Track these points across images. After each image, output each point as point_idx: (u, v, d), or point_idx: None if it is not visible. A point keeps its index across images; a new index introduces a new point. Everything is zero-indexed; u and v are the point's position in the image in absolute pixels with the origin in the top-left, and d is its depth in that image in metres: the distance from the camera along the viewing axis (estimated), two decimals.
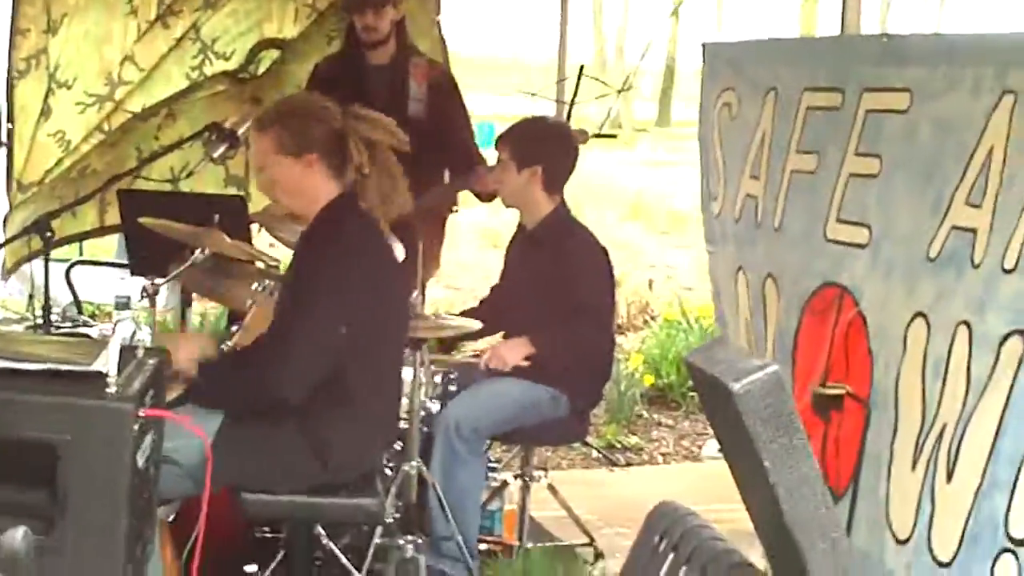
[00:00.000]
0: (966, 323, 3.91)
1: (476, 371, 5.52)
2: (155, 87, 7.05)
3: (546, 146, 5.65)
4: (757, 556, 3.46)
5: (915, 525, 4.09)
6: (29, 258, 6.52)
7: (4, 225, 6.80)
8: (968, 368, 3.88)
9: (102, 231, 7.38)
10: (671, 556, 3.47)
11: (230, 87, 7.15)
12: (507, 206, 5.82)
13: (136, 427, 3.24)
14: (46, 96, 6.83)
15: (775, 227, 5.24)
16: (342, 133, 4.34)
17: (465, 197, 6.98)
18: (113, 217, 6.96)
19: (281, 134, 4.35)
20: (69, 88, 6.86)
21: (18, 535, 2.12)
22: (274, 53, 7.26)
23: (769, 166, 5.33)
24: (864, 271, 4.54)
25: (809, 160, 5.00)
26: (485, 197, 6.45)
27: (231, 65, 7.15)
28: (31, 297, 6.86)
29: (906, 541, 4.13)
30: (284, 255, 5.34)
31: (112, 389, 3.23)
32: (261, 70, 7.24)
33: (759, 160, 5.43)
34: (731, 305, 5.88)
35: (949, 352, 3.97)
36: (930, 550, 4.00)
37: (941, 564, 3.96)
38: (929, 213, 4.18)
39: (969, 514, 3.82)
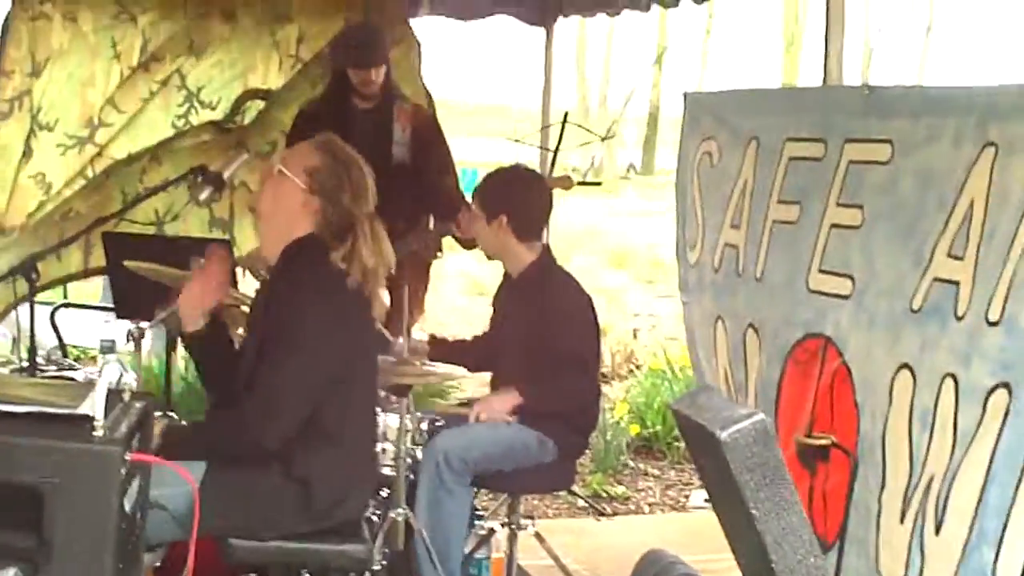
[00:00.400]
0: (952, 375, 3.92)
1: (462, 422, 5.51)
2: (139, 133, 7.06)
3: (510, 195, 5.63)
4: None
5: None
6: (16, 304, 6.49)
7: None
8: (955, 420, 3.89)
9: (86, 273, 7.38)
10: None
11: (216, 136, 7.18)
12: (488, 257, 5.82)
13: (123, 471, 3.23)
14: (28, 138, 6.81)
15: (756, 277, 5.25)
16: (352, 224, 4.33)
17: (449, 243, 6.99)
18: (98, 259, 6.96)
19: (320, 163, 4.32)
20: (51, 130, 6.85)
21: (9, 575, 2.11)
22: (259, 103, 7.29)
23: (750, 215, 5.35)
24: (848, 322, 4.55)
25: (791, 210, 5.02)
26: (468, 244, 6.46)
27: (217, 114, 7.18)
28: (15, 340, 6.86)
29: None
30: None
31: (99, 432, 3.22)
32: (247, 120, 7.27)
33: (740, 209, 5.45)
34: (708, 354, 5.89)
35: (936, 404, 3.99)
36: None
37: None
38: (911, 264, 4.20)
39: (958, 566, 3.82)
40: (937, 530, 3.93)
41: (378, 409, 4.87)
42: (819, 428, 4.63)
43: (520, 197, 5.64)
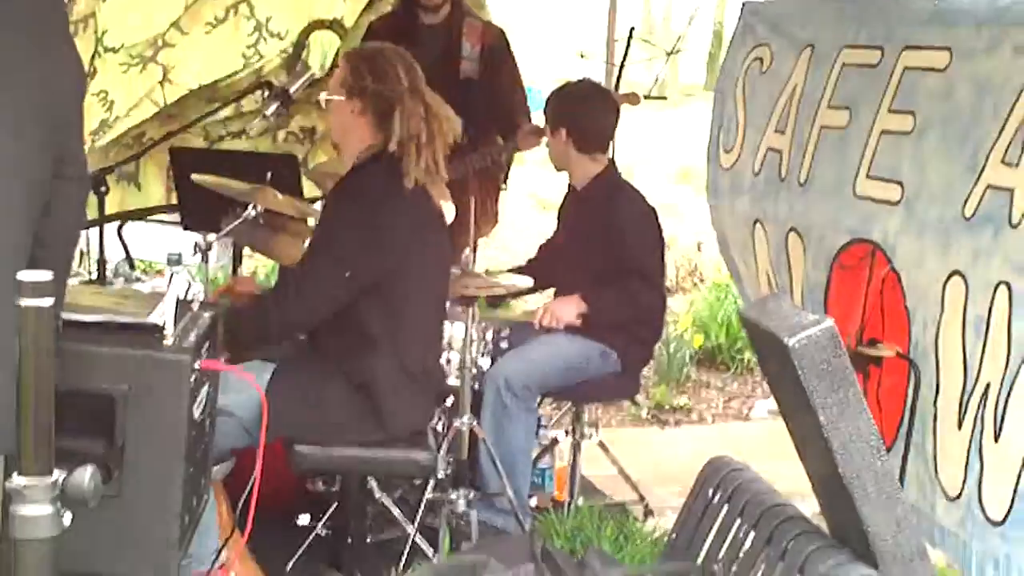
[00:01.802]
0: (1006, 283, 3.89)
1: (528, 328, 5.53)
2: (208, 61, 7.04)
3: (571, 109, 5.66)
4: (808, 513, 3.45)
5: (964, 483, 4.08)
6: (96, 223, 6.54)
7: None
8: (1009, 328, 3.87)
9: (165, 208, 7.39)
10: (725, 508, 3.48)
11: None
12: (557, 169, 5.83)
13: (193, 379, 3.26)
14: (92, 58, 6.84)
15: (800, 182, 5.23)
16: (392, 101, 4.38)
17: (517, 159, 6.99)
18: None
19: (347, 70, 4.48)
20: (115, 52, 6.86)
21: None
22: (328, 36, 7.26)
23: (797, 121, 5.32)
24: (897, 228, 4.52)
25: (841, 116, 4.98)
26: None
27: (285, 44, 7.14)
28: (83, 254, 6.91)
29: (956, 498, 4.13)
30: None
31: (169, 341, 3.25)
32: (327, 63, 7.25)
33: (786, 114, 5.43)
34: (747, 256, 5.88)
35: (989, 312, 3.96)
36: (982, 508, 4.00)
37: (994, 523, 3.95)
38: (964, 171, 4.16)
39: (1020, 474, 3.81)
40: (996, 437, 3.92)
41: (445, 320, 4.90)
42: (870, 333, 4.61)
43: (581, 111, 5.65)
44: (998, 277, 3.94)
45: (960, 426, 4.10)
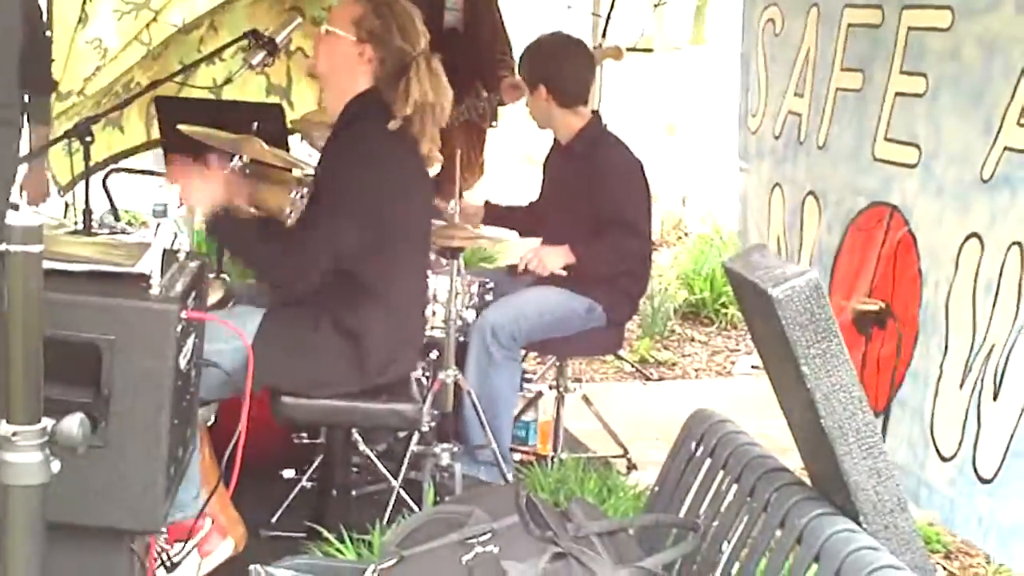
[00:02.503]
0: (1018, 243, 3.89)
1: (512, 280, 5.55)
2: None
3: (547, 65, 5.64)
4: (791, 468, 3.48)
5: (961, 443, 4.10)
6: (84, 176, 6.52)
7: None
8: (1020, 287, 3.87)
9: (148, 145, 7.37)
10: (708, 461, 3.50)
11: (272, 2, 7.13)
12: (540, 127, 5.81)
13: (179, 328, 3.27)
14: (84, 3, 6.82)
15: (819, 145, 5.21)
16: (408, 63, 4.34)
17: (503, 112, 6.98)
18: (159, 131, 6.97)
19: (365, 12, 4.36)
20: None
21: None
22: None
23: (814, 83, 5.30)
24: (915, 190, 4.51)
25: (855, 78, 4.96)
26: None
27: None
28: (68, 205, 6.90)
29: (951, 458, 4.14)
30: None
31: (156, 290, 3.25)
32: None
33: (804, 77, 5.40)
34: (760, 221, 5.87)
35: (1001, 272, 3.96)
36: (974, 468, 4.01)
37: (983, 480, 3.97)
38: (980, 133, 4.14)
39: (1013, 432, 3.83)
40: (995, 396, 3.93)
41: (428, 272, 4.91)
42: (878, 295, 4.62)
43: (557, 65, 5.63)
44: (1012, 238, 3.94)
45: (962, 386, 4.12)
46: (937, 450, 4.23)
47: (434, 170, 4.80)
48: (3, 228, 2.08)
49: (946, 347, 4.25)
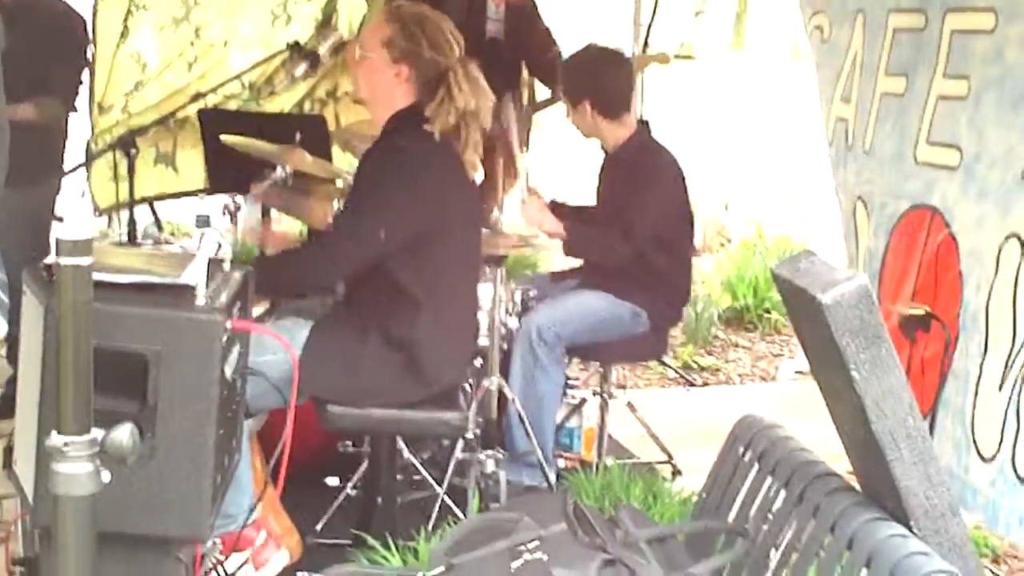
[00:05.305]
0: None
1: (556, 286, 5.56)
2: (236, 17, 7.09)
3: (588, 78, 5.65)
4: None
5: (1000, 443, 4.08)
6: (120, 207, 6.54)
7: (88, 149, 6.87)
8: None
9: (202, 191, 7.38)
10: (756, 467, 3.48)
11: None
12: (587, 137, 5.82)
13: (225, 339, 3.26)
14: (126, 17, 6.89)
15: (865, 149, 5.20)
16: (444, 73, 4.34)
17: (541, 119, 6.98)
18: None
19: (394, 31, 4.37)
20: (147, 10, 6.93)
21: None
22: (356, 2, 7.26)
23: (860, 89, 5.28)
24: (956, 193, 4.49)
25: (898, 82, 4.94)
26: None
27: (314, 8, 7.18)
28: (111, 216, 6.95)
29: (991, 459, 4.12)
30: None
31: (201, 301, 3.25)
32: (355, 27, 7.25)
33: (850, 82, 5.38)
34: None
35: None
36: (1014, 468, 4.00)
37: (1023, 480, 3.96)
38: (1022, 135, 4.12)
39: None
40: None
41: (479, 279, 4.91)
42: (921, 299, 4.61)
43: (598, 78, 5.64)
44: None
45: (1001, 387, 4.10)
46: (978, 451, 4.22)
47: (477, 179, 4.80)
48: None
49: (986, 348, 4.23)
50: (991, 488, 4.11)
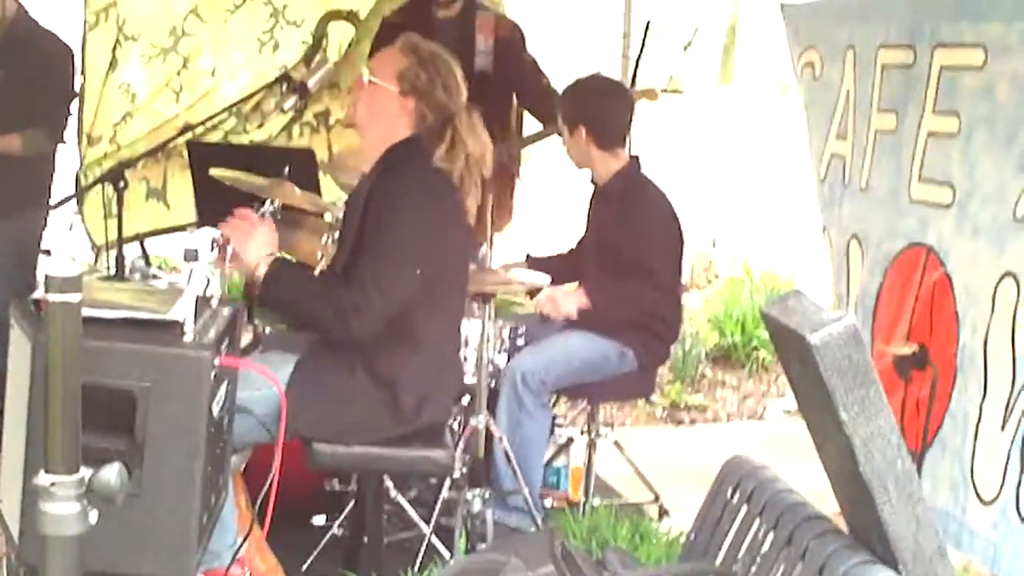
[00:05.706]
0: None
1: (543, 325, 5.54)
2: (224, 47, 7.11)
3: (588, 105, 5.63)
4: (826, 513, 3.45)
5: (1002, 486, 4.06)
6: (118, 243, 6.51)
7: (77, 181, 6.87)
8: None
9: (193, 225, 7.37)
10: (744, 508, 3.47)
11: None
12: (578, 167, 5.81)
13: (213, 375, 3.25)
14: (114, 48, 6.92)
15: (861, 187, 5.20)
16: (452, 117, 4.34)
17: (529, 154, 6.97)
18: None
19: (408, 64, 4.35)
20: (136, 40, 6.96)
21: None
22: (345, 27, 7.26)
23: (855, 125, 5.29)
24: (950, 231, 4.49)
25: (890, 119, 4.95)
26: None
27: (303, 33, 7.19)
28: (100, 251, 6.93)
29: (992, 501, 4.11)
30: None
31: (189, 337, 3.24)
32: (343, 52, 7.26)
33: (845, 119, 5.39)
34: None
35: None
36: (1018, 511, 3.98)
37: None
38: (1014, 172, 4.13)
39: None
40: None
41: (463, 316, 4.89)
42: (915, 338, 4.60)
43: (599, 106, 5.63)
44: None
45: (1003, 428, 4.09)
46: (977, 493, 4.20)
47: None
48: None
49: (985, 388, 4.22)
50: (993, 531, 4.10)
